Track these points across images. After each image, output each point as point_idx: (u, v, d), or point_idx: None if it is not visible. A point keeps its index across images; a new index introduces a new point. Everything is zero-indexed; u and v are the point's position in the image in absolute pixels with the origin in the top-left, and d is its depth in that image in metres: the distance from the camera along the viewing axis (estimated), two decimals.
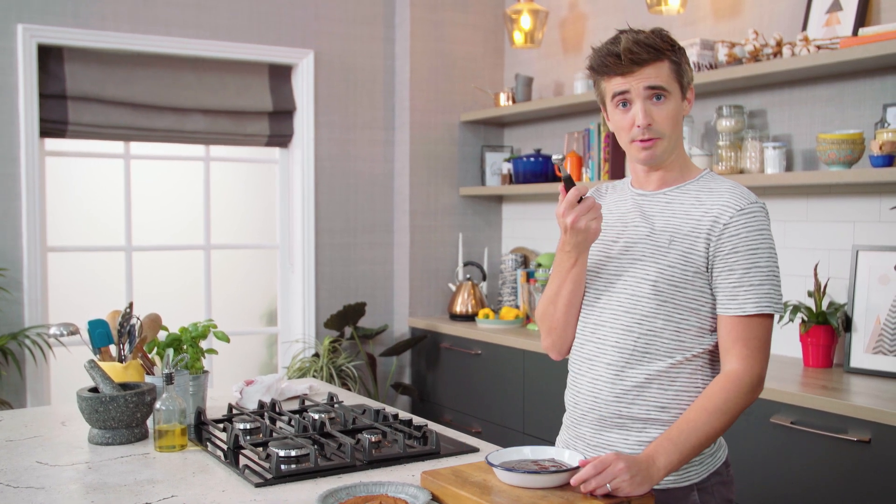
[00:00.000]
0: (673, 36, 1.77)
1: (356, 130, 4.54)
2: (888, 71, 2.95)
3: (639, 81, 1.71)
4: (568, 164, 4.06)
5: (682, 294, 1.71)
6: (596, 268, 1.83)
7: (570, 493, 1.51)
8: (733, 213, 1.69)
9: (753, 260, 1.67)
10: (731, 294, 1.68)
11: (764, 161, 3.20)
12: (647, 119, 1.71)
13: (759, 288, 1.66)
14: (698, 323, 1.72)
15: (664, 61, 1.71)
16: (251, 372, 4.67)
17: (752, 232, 1.68)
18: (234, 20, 4.18)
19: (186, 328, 2.25)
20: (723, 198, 1.72)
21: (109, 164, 4.16)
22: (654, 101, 1.72)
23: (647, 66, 1.70)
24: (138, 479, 1.74)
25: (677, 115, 1.74)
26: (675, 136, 1.76)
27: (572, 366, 1.87)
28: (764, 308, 1.66)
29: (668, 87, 1.72)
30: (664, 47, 1.71)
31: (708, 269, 1.70)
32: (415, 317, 4.53)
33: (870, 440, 2.39)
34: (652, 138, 1.73)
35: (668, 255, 1.72)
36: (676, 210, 1.76)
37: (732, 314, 1.68)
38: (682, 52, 1.76)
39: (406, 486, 1.61)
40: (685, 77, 1.75)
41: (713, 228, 1.69)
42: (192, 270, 4.36)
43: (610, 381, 1.75)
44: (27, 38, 3.74)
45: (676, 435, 1.62)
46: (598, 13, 4.19)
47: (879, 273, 2.89)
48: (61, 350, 3.79)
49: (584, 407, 1.80)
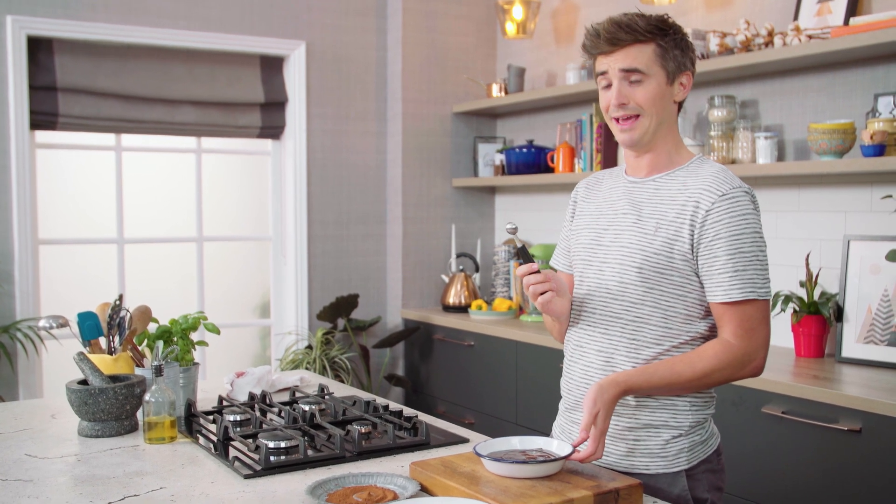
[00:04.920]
0: (676, 23, 1.76)
1: (348, 122, 4.53)
2: (879, 60, 2.94)
3: (615, 62, 1.72)
4: (518, 233, 4.05)
5: (669, 280, 1.72)
6: (586, 256, 1.85)
7: (558, 483, 1.52)
8: (715, 199, 1.68)
9: (737, 246, 1.67)
10: (716, 281, 1.68)
11: (756, 151, 3.20)
12: (621, 98, 1.72)
13: (743, 273, 1.66)
14: (685, 310, 1.73)
15: (647, 44, 1.71)
16: (245, 364, 4.66)
17: (734, 217, 1.67)
18: (225, 11, 4.17)
19: (177, 320, 2.25)
20: (706, 182, 1.72)
21: (100, 156, 4.15)
22: (631, 81, 1.72)
23: (627, 47, 1.71)
24: (127, 471, 1.74)
25: (659, 97, 1.73)
26: (659, 117, 1.75)
27: (566, 353, 1.90)
28: (748, 294, 1.66)
29: (647, 70, 1.71)
30: (647, 29, 1.70)
31: (693, 256, 1.71)
32: (408, 308, 4.53)
33: (860, 429, 2.39)
34: (629, 116, 1.74)
35: (653, 242, 1.73)
36: (664, 196, 1.76)
37: (720, 301, 1.68)
38: (678, 39, 1.74)
39: (395, 476, 1.61)
40: (672, 62, 1.73)
41: (696, 214, 1.69)
42: (185, 263, 4.35)
43: (600, 368, 1.78)
44: (17, 30, 3.72)
45: (653, 369, 1.68)
46: (590, 3, 4.17)
47: (871, 263, 2.89)
48: (53, 343, 3.79)
49: (577, 393, 1.83)
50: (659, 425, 1.74)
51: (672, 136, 1.80)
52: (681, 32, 1.76)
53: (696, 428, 1.76)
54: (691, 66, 1.78)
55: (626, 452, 1.77)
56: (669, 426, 1.74)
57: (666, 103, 1.75)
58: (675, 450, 1.74)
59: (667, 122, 1.78)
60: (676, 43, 1.74)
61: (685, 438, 1.75)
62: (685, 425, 1.75)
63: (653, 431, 1.75)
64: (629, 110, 1.73)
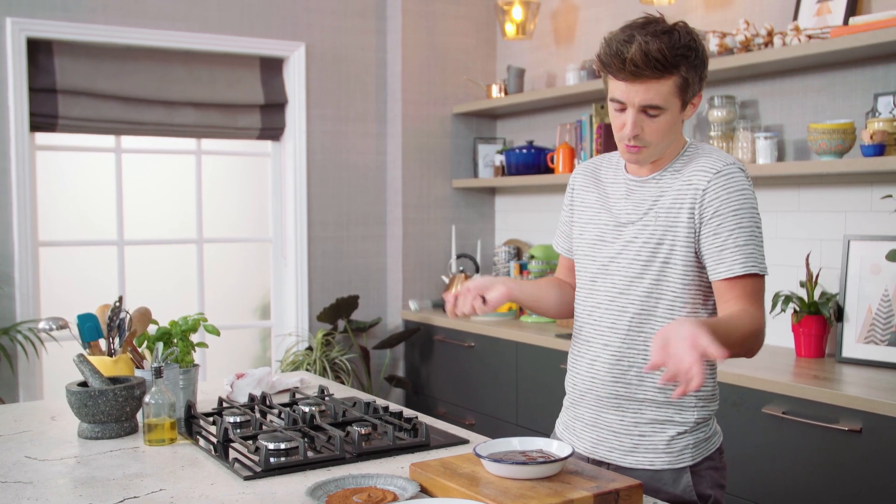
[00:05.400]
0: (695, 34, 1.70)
1: (348, 123, 4.53)
2: (879, 60, 2.94)
3: (636, 94, 1.67)
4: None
5: (673, 270, 1.74)
6: (591, 252, 1.86)
7: (558, 484, 1.51)
8: (710, 177, 1.70)
9: (736, 220, 1.68)
10: (718, 257, 1.69)
11: (755, 151, 3.20)
12: (636, 131, 1.71)
13: (744, 249, 1.67)
14: (691, 299, 1.75)
15: (670, 77, 1.66)
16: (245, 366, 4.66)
17: (732, 193, 1.69)
18: (224, 13, 4.17)
19: (176, 322, 2.25)
20: (699, 164, 1.73)
21: (100, 158, 4.15)
22: (648, 114, 1.69)
23: (649, 82, 1.66)
24: (127, 472, 1.74)
25: (671, 126, 1.72)
26: (667, 142, 1.75)
27: (572, 348, 1.92)
28: (750, 268, 1.67)
29: (665, 105, 1.68)
30: (674, 62, 1.64)
31: (695, 237, 1.72)
32: (408, 309, 4.53)
33: (861, 429, 2.39)
34: (638, 146, 1.74)
35: (655, 233, 1.75)
36: (665, 189, 1.77)
37: (723, 277, 1.68)
38: (698, 64, 1.69)
39: (395, 478, 1.60)
40: (689, 91, 1.70)
41: (695, 196, 1.71)
42: (185, 264, 4.35)
43: (607, 363, 1.79)
44: (16, 32, 3.72)
45: (723, 328, 1.56)
46: (589, 4, 4.17)
47: (871, 262, 2.89)
48: (53, 345, 3.79)
49: (583, 388, 1.85)
50: (664, 421, 1.76)
51: (675, 144, 1.80)
52: (700, 49, 1.70)
53: (702, 425, 1.78)
54: (703, 85, 1.75)
55: (630, 448, 1.78)
56: (675, 422, 1.76)
57: (676, 129, 1.75)
58: (679, 446, 1.76)
59: (673, 141, 1.77)
60: (696, 68, 1.69)
61: (690, 435, 1.76)
62: (690, 422, 1.76)
63: (658, 427, 1.76)
64: (639, 142, 1.72)
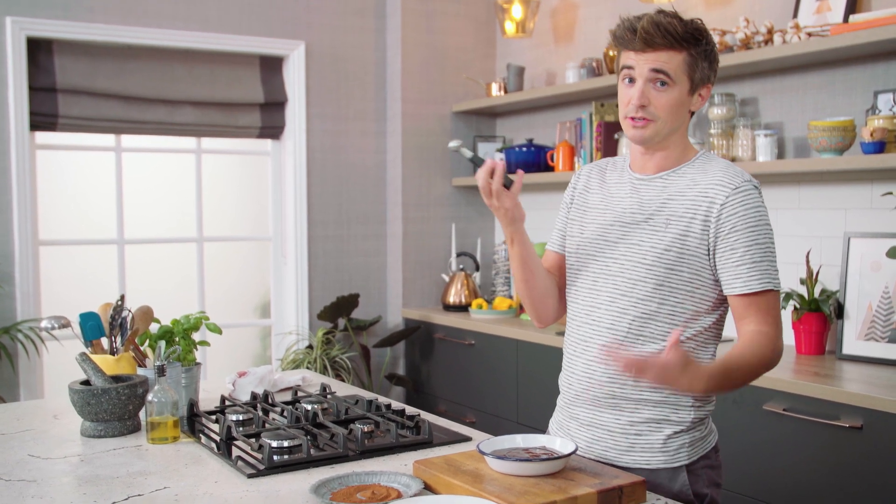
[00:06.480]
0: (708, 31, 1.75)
1: (348, 122, 4.53)
2: (879, 58, 2.95)
3: (646, 62, 1.71)
4: (462, 145, 4.05)
5: (678, 277, 1.73)
6: (592, 251, 1.85)
7: (561, 481, 1.52)
8: (729, 193, 1.70)
9: (753, 237, 1.69)
10: (735, 273, 1.70)
11: (756, 149, 3.20)
12: (643, 100, 1.72)
13: (760, 265, 1.69)
14: (693, 306, 1.74)
15: (680, 51, 1.70)
16: (245, 364, 4.66)
17: (749, 209, 1.70)
18: (224, 12, 4.17)
19: (178, 320, 2.25)
20: (716, 178, 1.73)
21: (100, 157, 4.15)
22: (656, 85, 1.72)
23: (660, 50, 1.70)
24: (131, 471, 1.74)
25: (678, 105, 1.74)
26: (672, 124, 1.76)
27: (567, 348, 1.89)
28: (766, 285, 1.69)
29: (674, 77, 1.71)
30: (684, 37, 1.70)
31: (708, 252, 1.72)
32: (408, 308, 4.53)
33: (862, 426, 2.40)
34: (645, 119, 1.74)
35: (664, 238, 1.74)
36: (672, 193, 1.77)
37: (739, 293, 1.70)
38: (708, 50, 1.74)
39: (398, 475, 1.61)
40: (699, 73, 1.74)
41: (710, 210, 1.71)
42: (185, 263, 4.35)
43: (604, 363, 1.78)
44: (16, 31, 3.72)
45: (721, 374, 1.63)
46: (589, 2, 4.18)
47: (871, 260, 2.89)
48: (54, 344, 3.79)
49: (578, 387, 1.83)
50: (661, 420, 1.75)
51: (682, 141, 1.81)
52: (712, 43, 1.75)
53: (698, 424, 1.78)
54: (713, 78, 1.79)
55: (627, 447, 1.77)
56: (671, 422, 1.75)
57: (682, 112, 1.76)
58: (676, 445, 1.75)
59: (679, 129, 1.79)
60: (706, 55, 1.74)
61: (686, 434, 1.76)
62: (687, 421, 1.76)
63: (654, 426, 1.76)
64: (647, 113, 1.73)
